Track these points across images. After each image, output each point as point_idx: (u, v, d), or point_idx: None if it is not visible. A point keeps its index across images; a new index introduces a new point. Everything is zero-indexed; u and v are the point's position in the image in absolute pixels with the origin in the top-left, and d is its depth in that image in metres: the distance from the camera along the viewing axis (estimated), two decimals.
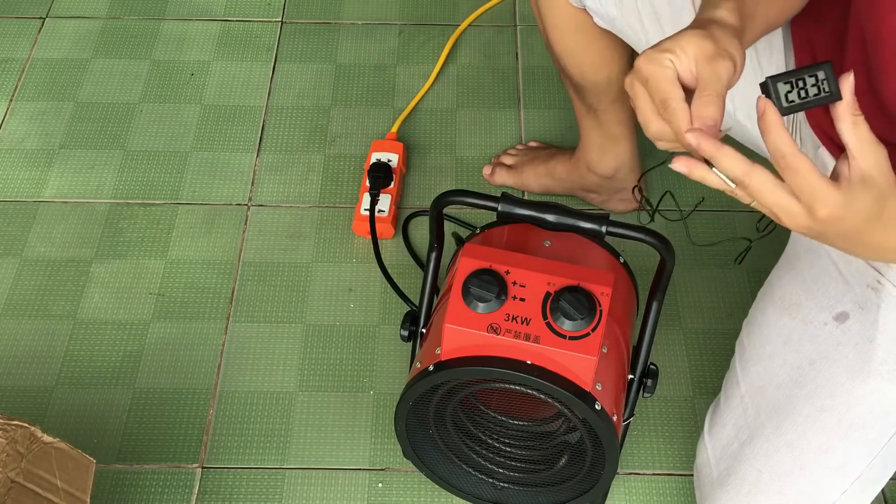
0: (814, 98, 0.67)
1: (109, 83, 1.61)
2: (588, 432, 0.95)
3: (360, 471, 1.21)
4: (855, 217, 0.68)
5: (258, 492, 1.18)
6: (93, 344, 1.31)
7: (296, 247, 1.41)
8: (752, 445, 0.97)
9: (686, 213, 1.44)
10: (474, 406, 1.03)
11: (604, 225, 0.95)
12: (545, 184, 1.44)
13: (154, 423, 1.24)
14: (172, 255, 1.40)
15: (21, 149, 1.52)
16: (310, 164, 1.51)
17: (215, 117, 1.57)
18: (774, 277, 1.06)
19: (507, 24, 1.71)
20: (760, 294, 1.07)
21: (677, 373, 1.29)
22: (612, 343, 0.98)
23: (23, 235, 1.42)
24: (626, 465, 1.21)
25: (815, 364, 0.95)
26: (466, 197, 0.98)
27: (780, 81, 0.67)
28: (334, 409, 1.25)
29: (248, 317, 1.34)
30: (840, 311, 0.95)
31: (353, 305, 1.35)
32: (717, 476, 1.00)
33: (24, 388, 1.27)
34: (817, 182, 0.66)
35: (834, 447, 0.93)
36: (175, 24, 1.70)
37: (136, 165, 1.50)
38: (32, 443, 0.87)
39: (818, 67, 0.66)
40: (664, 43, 0.75)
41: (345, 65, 1.65)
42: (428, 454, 1.08)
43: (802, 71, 0.67)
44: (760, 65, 1.05)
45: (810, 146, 1.04)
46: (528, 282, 0.91)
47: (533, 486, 1.07)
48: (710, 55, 0.74)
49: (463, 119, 1.57)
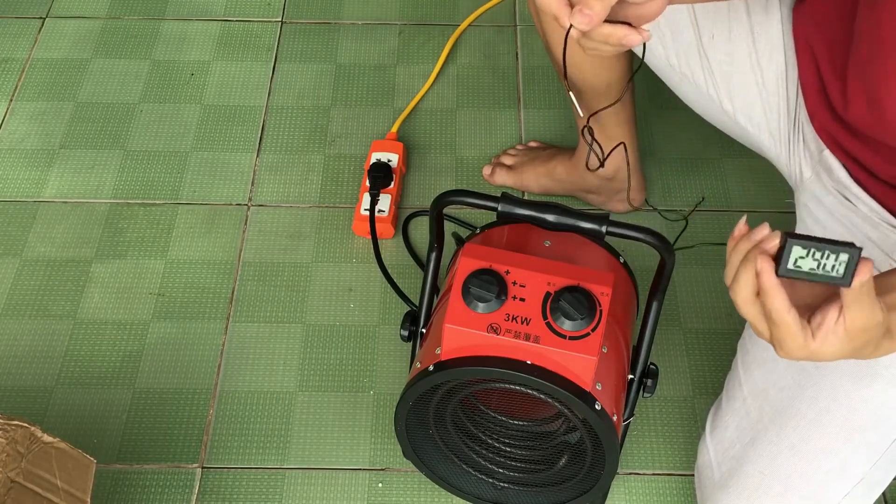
0: (822, 274, 0.64)
1: (109, 83, 1.61)
2: (588, 432, 0.94)
3: (360, 471, 1.21)
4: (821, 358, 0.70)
5: (258, 492, 1.18)
6: (93, 344, 1.31)
7: (296, 247, 1.41)
8: (755, 447, 0.97)
9: (686, 213, 1.44)
10: (474, 406, 1.03)
11: (604, 225, 0.95)
12: (545, 184, 1.44)
13: (154, 423, 1.24)
14: (172, 255, 1.40)
15: (21, 149, 1.52)
16: (310, 164, 1.51)
17: (215, 117, 1.57)
18: None
19: (507, 24, 1.71)
20: None
21: (677, 373, 1.29)
22: (612, 343, 0.98)
23: (23, 235, 1.42)
24: (626, 465, 1.21)
25: (819, 367, 0.94)
26: (466, 197, 0.98)
27: (797, 244, 0.64)
28: (334, 409, 1.25)
29: (248, 317, 1.34)
30: None
31: (353, 305, 1.35)
32: (719, 478, 1.00)
33: (24, 388, 1.27)
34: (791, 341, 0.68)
35: (837, 450, 0.93)
36: (175, 24, 1.70)
37: (136, 165, 1.50)
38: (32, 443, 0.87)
39: (846, 250, 0.63)
40: None
41: (345, 65, 1.65)
42: (428, 454, 1.08)
43: (827, 245, 0.63)
44: (760, 65, 1.05)
45: (814, 148, 1.04)
46: (528, 282, 0.91)
47: (533, 486, 1.07)
48: None
49: (463, 119, 1.57)
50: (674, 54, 1.11)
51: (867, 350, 0.71)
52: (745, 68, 1.06)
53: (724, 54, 1.07)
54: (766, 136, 1.10)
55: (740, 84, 1.08)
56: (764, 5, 1.04)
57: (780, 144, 1.09)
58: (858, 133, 0.96)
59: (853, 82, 0.90)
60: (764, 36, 1.04)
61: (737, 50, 1.06)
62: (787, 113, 1.06)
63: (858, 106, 0.91)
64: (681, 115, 1.52)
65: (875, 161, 0.96)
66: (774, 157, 1.12)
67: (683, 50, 1.09)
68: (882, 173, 0.96)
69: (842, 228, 1.00)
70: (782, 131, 1.08)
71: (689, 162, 1.51)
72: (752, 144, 1.15)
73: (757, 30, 1.04)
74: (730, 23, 1.05)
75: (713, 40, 1.06)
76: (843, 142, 0.99)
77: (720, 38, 1.06)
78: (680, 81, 1.14)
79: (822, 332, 0.68)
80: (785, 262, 0.65)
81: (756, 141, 1.13)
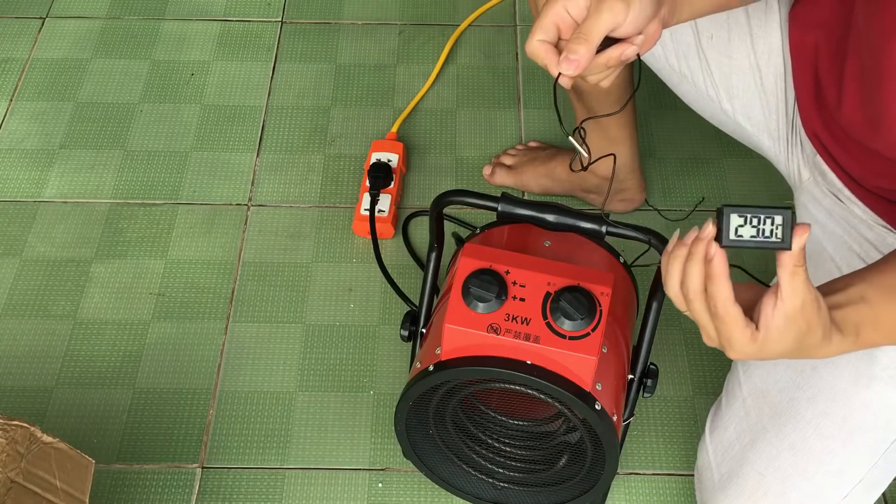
0: (763, 240, 0.67)
1: (109, 83, 1.61)
2: (588, 432, 0.94)
3: (360, 471, 1.21)
4: (770, 353, 0.72)
5: (258, 492, 1.18)
6: (93, 344, 1.31)
7: (296, 247, 1.41)
8: (754, 448, 0.97)
9: (686, 213, 1.44)
10: (474, 406, 1.03)
11: (604, 225, 0.95)
12: (545, 184, 1.44)
13: (154, 423, 1.24)
14: (172, 255, 1.40)
15: (21, 149, 1.52)
16: (310, 164, 1.51)
17: (215, 117, 1.57)
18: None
19: (507, 24, 1.71)
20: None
21: (677, 373, 1.29)
22: (612, 343, 0.98)
23: (23, 235, 1.42)
24: (626, 465, 1.21)
25: (818, 368, 0.94)
26: (466, 197, 0.98)
27: (734, 212, 0.67)
28: (334, 409, 1.25)
29: (248, 317, 1.34)
30: None
31: (353, 305, 1.35)
32: (719, 478, 1.00)
33: (24, 388, 1.27)
34: (739, 334, 0.71)
35: (836, 451, 0.93)
36: (175, 24, 1.70)
37: (136, 165, 1.50)
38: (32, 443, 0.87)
39: (779, 212, 0.66)
40: None
41: (345, 65, 1.65)
42: (428, 454, 1.08)
43: (761, 210, 0.66)
44: (759, 67, 1.05)
45: (809, 151, 1.04)
46: (528, 282, 0.91)
47: (533, 486, 1.07)
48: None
49: (463, 119, 1.57)
50: (673, 55, 1.11)
51: (813, 340, 0.72)
52: (745, 69, 1.06)
53: (723, 55, 1.07)
54: (766, 137, 1.10)
55: (739, 85, 1.08)
56: (763, 8, 1.04)
57: (779, 145, 1.09)
58: (848, 142, 0.96)
59: (849, 83, 0.91)
60: (763, 38, 1.04)
61: (736, 51, 1.06)
62: (786, 115, 1.06)
63: (852, 109, 0.91)
64: (681, 115, 1.52)
65: (862, 173, 0.96)
66: (774, 157, 1.12)
67: (683, 50, 1.09)
68: (868, 184, 0.96)
69: (840, 229, 1.00)
70: (781, 132, 1.08)
71: (689, 162, 1.51)
72: (752, 144, 1.15)
73: (756, 32, 1.04)
74: (729, 24, 1.05)
75: (712, 41, 1.06)
76: (832, 150, 0.99)
77: (719, 40, 1.06)
78: (679, 81, 1.14)
79: (763, 319, 0.70)
80: (726, 233, 0.67)
81: (756, 141, 1.13)
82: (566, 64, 0.77)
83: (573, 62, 0.76)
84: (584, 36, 0.76)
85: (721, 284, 0.69)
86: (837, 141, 0.98)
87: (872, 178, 0.95)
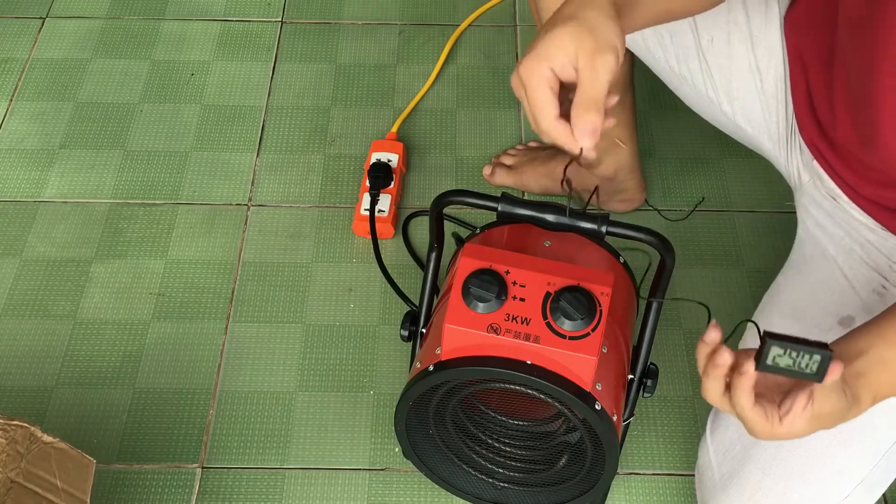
0: (797, 370, 0.70)
1: (109, 83, 1.61)
2: (588, 432, 0.94)
3: (360, 471, 1.21)
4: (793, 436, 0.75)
5: (258, 492, 1.18)
6: (93, 344, 1.31)
7: (296, 247, 1.41)
8: (755, 448, 0.97)
9: (686, 213, 1.44)
10: (474, 406, 1.03)
11: (604, 225, 0.95)
12: (545, 184, 1.44)
13: (154, 423, 1.24)
14: (172, 255, 1.40)
15: (21, 149, 1.52)
16: (310, 164, 1.51)
17: (215, 117, 1.57)
18: (779, 282, 1.06)
19: (507, 24, 1.71)
20: (765, 298, 1.06)
21: (677, 373, 1.29)
22: (612, 343, 0.98)
23: (23, 235, 1.42)
24: (626, 465, 1.21)
25: None
26: (466, 197, 0.98)
27: (776, 345, 0.70)
28: (334, 409, 1.25)
29: (248, 317, 1.34)
30: (845, 315, 0.95)
31: (353, 305, 1.35)
32: (720, 478, 1.00)
33: (24, 388, 1.27)
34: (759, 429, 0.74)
35: (837, 452, 0.93)
36: (175, 24, 1.70)
37: (136, 165, 1.50)
38: (32, 443, 0.87)
39: (818, 352, 0.69)
40: (541, 48, 0.76)
41: (345, 65, 1.65)
42: (428, 454, 1.08)
43: (803, 347, 0.69)
44: (759, 69, 1.05)
45: (808, 156, 1.04)
46: (528, 282, 0.91)
47: (533, 486, 1.07)
48: (591, 51, 0.74)
49: (463, 119, 1.57)
50: (673, 57, 1.11)
51: (833, 425, 0.75)
52: (744, 72, 1.06)
53: (723, 57, 1.07)
54: (766, 138, 1.10)
55: (739, 87, 1.08)
56: (763, 10, 1.04)
57: (779, 147, 1.09)
58: (844, 153, 0.96)
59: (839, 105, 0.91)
60: (763, 41, 1.04)
61: (735, 53, 1.06)
62: (786, 118, 1.06)
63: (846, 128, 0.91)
64: (681, 115, 1.52)
65: (858, 183, 0.97)
66: (774, 158, 1.12)
67: (683, 52, 1.09)
68: (864, 192, 0.96)
69: (842, 231, 1.00)
70: (781, 135, 1.08)
71: (689, 162, 1.51)
72: (753, 145, 1.15)
73: (756, 34, 1.04)
74: (728, 27, 1.05)
75: (712, 44, 1.06)
76: (829, 159, 0.99)
77: (719, 42, 1.06)
78: (680, 83, 1.14)
79: (790, 417, 0.72)
80: (764, 359, 0.71)
81: (756, 142, 1.13)
82: (588, 137, 0.75)
83: (590, 132, 0.75)
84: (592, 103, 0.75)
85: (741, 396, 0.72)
86: (833, 151, 0.98)
87: (869, 187, 0.95)
